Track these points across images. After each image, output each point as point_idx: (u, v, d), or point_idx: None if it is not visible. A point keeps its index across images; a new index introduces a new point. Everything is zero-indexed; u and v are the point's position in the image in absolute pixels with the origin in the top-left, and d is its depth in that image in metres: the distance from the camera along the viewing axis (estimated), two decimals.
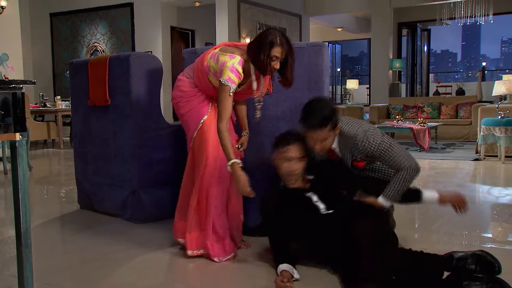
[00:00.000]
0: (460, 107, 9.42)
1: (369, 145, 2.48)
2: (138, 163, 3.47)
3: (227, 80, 2.54)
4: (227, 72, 2.54)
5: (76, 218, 3.77)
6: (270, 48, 2.51)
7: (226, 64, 2.55)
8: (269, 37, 2.52)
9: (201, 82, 2.74)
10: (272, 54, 2.51)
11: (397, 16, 12.77)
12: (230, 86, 2.54)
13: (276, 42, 2.51)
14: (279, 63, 2.55)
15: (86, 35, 11.89)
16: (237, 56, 2.58)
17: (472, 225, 3.36)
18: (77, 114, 3.95)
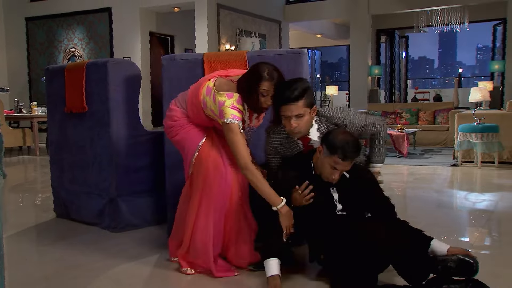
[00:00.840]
0: (438, 113, 9.54)
1: (357, 124, 2.52)
2: (116, 171, 3.41)
3: (232, 118, 2.41)
4: (229, 111, 2.41)
5: (51, 227, 3.68)
6: (258, 83, 2.38)
7: (225, 104, 2.43)
8: (257, 71, 2.41)
9: (195, 115, 2.61)
10: (261, 89, 2.38)
11: (375, 23, 12.91)
12: (238, 123, 2.42)
13: (264, 76, 2.38)
14: (270, 99, 2.41)
15: (63, 40, 11.72)
16: (235, 94, 2.46)
17: (449, 231, 3.38)
18: (53, 121, 3.87)
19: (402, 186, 5.34)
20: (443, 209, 4.20)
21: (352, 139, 2.31)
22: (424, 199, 4.52)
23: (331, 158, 2.31)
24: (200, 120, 2.61)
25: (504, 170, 6.11)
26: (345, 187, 2.45)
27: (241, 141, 2.42)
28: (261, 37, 11.79)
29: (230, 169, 2.58)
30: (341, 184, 2.43)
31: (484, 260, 2.63)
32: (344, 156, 2.28)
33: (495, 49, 12.88)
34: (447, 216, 3.90)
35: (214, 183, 2.53)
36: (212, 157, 2.57)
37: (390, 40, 14.32)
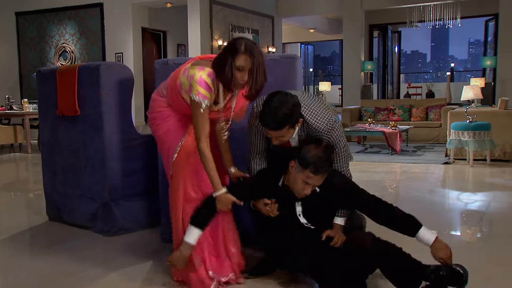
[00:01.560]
0: (430, 109, 9.57)
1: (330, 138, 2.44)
2: (109, 175, 3.39)
3: (196, 95, 2.31)
4: (195, 86, 2.31)
5: (44, 231, 3.66)
6: (232, 57, 2.26)
7: (194, 77, 2.32)
8: (233, 45, 2.29)
9: (174, 102, 2.53)
10: (236, 64, 2.25)
11: (368, 19, 12.92)
12: (201, 102, 2.32)
13: (241, 50, 2.25)
14: (246, 75, 2.27)
15: (54, 35, 11.62)
16: (207, 68, 2.34)
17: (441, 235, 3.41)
18: (45, 123, 3.84)
19: (395, 186, 5.37)
20: (436, 210, 4.21)
21: (323, 154, 2.31)
22: (417, 200, 4.54)
23: (303, 173, 2.31)
24: (180, 106, 2.51)
25: (496, 168, 6.15)
26: (312, 201, 2.44)
27: (202, 121, 2.34)
28: (254, 33, 11.76)
29: None
30: (308, 198, 2.41)
31: (476, 263, 2.65)
32: (316, 170, 2.29)
33: (487, 44, 12.94)
34: (440, 218, 3.92)
35: (193, 188, 2.51)
36: (191, 160, 2.49)
37: (383, 35, 14.35)
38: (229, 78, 2.28)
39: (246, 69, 2.27)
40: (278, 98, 2.30)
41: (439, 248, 2.27)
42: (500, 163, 6.46)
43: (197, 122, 2.36)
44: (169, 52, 12.02)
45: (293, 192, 2.41)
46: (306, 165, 2.29)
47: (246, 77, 2.28)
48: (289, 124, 2.31)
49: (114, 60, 10.86)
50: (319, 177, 2.32)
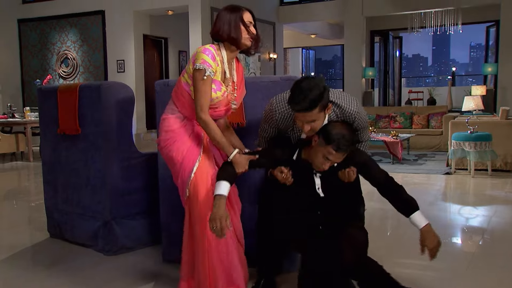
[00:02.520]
0: (432, 117, 9.58)
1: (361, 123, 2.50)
2: (110, 193, 3.40)
3: (201, 63, 2.33)
4: (200, 55, 2.36)
5: (46, 250, 3.67)
6: (239, 15, 2.40)
7: (197, 51, 2.40)
8: (232, 8, 2.43)
9: (185, 105, 2.48)
10: (245, 20, 2.41)
11: (369, 24, 12.92)
12: (205, 68, 2.33)
13: (242, 8, 2.43)
14: (254, 29, 2.45)
15: (56, 42, 11.65)
16: (209, 45, 2.44)
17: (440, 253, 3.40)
18: (46, 141, 3.85)
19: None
20: (436, 226, 4.14)
21: (348, 132, 2.35)
22: None
23: (325, 148, 2.33)
24: (190, 108, 2.47)
25: (497, 179, 6.14)
26: (330, 174, 2.46)
27: (205, 89, 2.35)
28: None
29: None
30: (326, 171, 2.44)
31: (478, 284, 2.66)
32: (338, 148, 2.31)
33: (488, 50, 12.92)
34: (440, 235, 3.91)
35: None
36: (208, 183, 2.43)
37: (384, 41, 14.34)
38: (240, 34, 2.39)
39: (252, 24, 2.45)
40: (307, 82, 2.29)
41: (427, 236, 2.38)
42: (501, 174, 6.46)
43: (199, 91, 2.35)
44: (170, 58, 12.04)
45: (312, 165, 2.43)
46: (329, 141, 2.32)
47: (254, 30, 2.45)
48: (321, 104, 2.28)
49: (115, 67, 10.89)
50: (340, 154, 2.34)
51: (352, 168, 2.44)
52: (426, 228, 2.40)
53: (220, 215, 2.24)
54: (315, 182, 2.48)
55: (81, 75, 11.37)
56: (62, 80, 11.56)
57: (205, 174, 2.45)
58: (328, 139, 2.32)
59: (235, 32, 2.40)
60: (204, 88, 2.35)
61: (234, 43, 2.43)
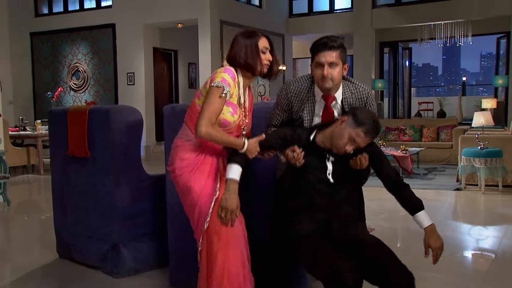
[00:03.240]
0: (441, 129, 9.53)
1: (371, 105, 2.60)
2: (118, 217, 3.42)
3: (220, 81, 2.30)
4: (221, 74, 2.34)
5: (55, 272, 3.69)
6: (254, 41, 2.40)
7: (217, 71, 2.39)
8: (252, 32, 2.44)
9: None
10: (260, 46, 2.41)
11: (378, 36, 12.90)
12: (223, 87, 2.30)
13: (258, 34, 2.44)
14: (269, 55, 2.45)
15: (67, 55, 11.79)
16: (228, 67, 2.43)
17: (447, 281, 3.37)
18: (55, 162, 3.89)
19: (405, 217, 5.28)
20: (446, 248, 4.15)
21: (378, 119, 2.40)
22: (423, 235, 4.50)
23: (355, 130, 2.34)
24: None
25: (508, 196, 6.09)
26: (343, 162, 2.45)
27: (217, 105, 2.30)
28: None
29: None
30: (339, 158, 2.44)
31: None
32: (367, 131, 2.34)
33: (499, 61, 12.85)
34: (448, 259, 3.88)
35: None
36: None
37: (393, 52, 14.31)
38: (256, 61, 2.39)
39: (268, 49, 2.45)
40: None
41: (431, 235, 2.39)
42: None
43: (210, 104, 2.29)
44: (180, 71, 12.12)
45: (331, 147, 2.42)
46: (360, 123, 2.33)
47: (270, 56, 2.46)
48: (342, 51, 2.45)
49: (125, 80, 10.98)
50: (366, 139, 2.36)
51: (364, 154, 2.41)
52: (430, 228, 2.41)
53: (231, 205, 2.32)
54: (327, 167, 2.46)
55: (91, 88, 11.48)
56: (73, 93, 11.68)
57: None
58: (359, 121, 2.34)
59: (251, 58, 2.39)
60: (218, 105, 2.30)
61: (250, 69, 2.42)
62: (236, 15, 10.82)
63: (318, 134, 2.48)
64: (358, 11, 12.21)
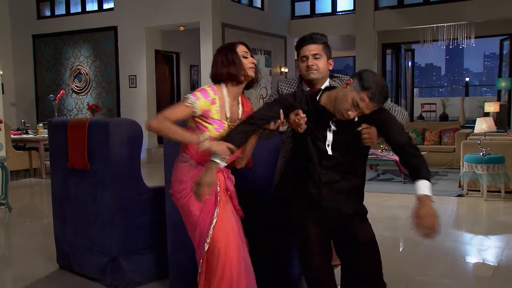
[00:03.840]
0: (444, 133, 9.49)
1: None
2: (117, 230, 3.41)
3: (191, 95, 2.40)
4: (195, 91, 2.44)
5: (54, 283, 3.69)
6: (233, 50, 2.44)
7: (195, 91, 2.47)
8: (227, 45, 2.51)
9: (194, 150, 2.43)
10: (239, 52, 2.44)
11: (381, 38, 12.86)
12: (189, 97, 2.37)
13: (236, 43, 2.49)
14: (251, 59, 2.48)
15: (69, 57, 11.79)
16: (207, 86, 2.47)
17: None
18: (55, 173, 3.89)
19: (405, 226, 5.24)
20: (445, 260, 4.12)
21: (384, 85, 2.24)
22: (426, 246, 4.47)
23: (359, 94, 2.18)
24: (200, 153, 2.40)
25: (511, 203, 6.06)
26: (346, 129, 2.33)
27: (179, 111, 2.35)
28: (267, 54, 11.79)
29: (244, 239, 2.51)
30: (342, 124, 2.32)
31: None
32: (373, 96, 2.17)
33: (503, 62, 12.80)
34: (448, 270, 3.87)
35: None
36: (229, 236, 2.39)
37: (395, 54, 14.25)
38: (239, 66, 2.41)
39: (249, 53, 2.48)
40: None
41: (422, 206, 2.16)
42: None
43: (173, 107, 2.39)
44: (182, 73, 12.11)
45: (334, 111, 2.29)
46: (365, 87, 2.17)
47: (252, 59, 2.48)
48: (325, 44, 2.63)
49: (127, 82, 10.97)
50: (371, 105, 2.20)
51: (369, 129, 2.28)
52: (424, 198, 2.17)
53: (205, 181, 2.28)
54: (326, 137, 2.34)
55: (93, 90, 11.48)
56: (75, 95, 11.69)
57: (224, 227, 2.39)
58: (364, 84, 2.17)
59: (234, 69, 2.42)
60: (179, 109, 2.36)
61: (235, 78, 2.45)
62: (238, 18, 10.80)
63: (323, 95, 2.38)
64: (360, 13, 12.17)
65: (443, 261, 4.03)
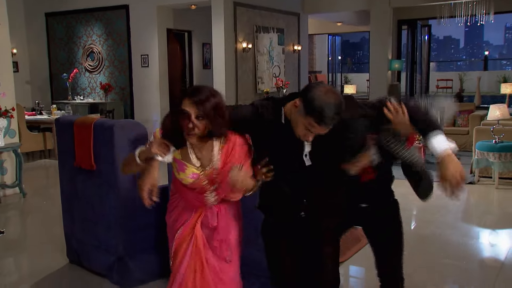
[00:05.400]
0: (458, 114, 9.35)
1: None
2: (123, 230, 3.48)
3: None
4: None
5: (64, 279, 3.80)
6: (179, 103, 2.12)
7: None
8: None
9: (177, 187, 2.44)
10: (182, 106, 2.09)
11: (396, 14, 12.57)
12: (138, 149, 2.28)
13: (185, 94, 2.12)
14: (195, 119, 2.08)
15: (82, 36, 11.77)
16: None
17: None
18: (63, 171, 3.95)
19: (412, 218, 5.19)
20: (450, 257, 4.10)
21: (335, 101, 1.93)
22: (433, 240, 4.46)
23: (306, 119, 1.96)
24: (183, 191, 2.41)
25: None
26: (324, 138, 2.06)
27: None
28: (279, 32, 11.63)
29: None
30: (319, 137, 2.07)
31: None
32: (320, 120, 1.93)
33: None
34: (453, 269, 3.87)
35: None
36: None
37: (411, 31, 13.94)
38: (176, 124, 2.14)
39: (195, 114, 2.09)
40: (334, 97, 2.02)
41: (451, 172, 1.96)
42: None
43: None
44: (194, 51, 12.03)
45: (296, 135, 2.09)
46: (310, 111, 1.94)
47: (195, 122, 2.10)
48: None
49: (139, 61, 10.95)
50: (323, 128, 1.98)
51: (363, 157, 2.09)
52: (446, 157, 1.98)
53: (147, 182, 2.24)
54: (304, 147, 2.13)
55: (106, 69, 11.49)
56: (88, 74, 11.72)
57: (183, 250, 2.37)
58: (310, 108, 1.94)
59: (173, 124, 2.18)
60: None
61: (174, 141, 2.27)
62: None
63: (287, 106, 2.12)
64: None
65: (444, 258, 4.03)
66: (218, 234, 2.34)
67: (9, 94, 6.36)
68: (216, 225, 2.33)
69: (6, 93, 6.26)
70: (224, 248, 2.34)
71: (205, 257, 2.32)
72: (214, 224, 2.33)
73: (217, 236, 2.34)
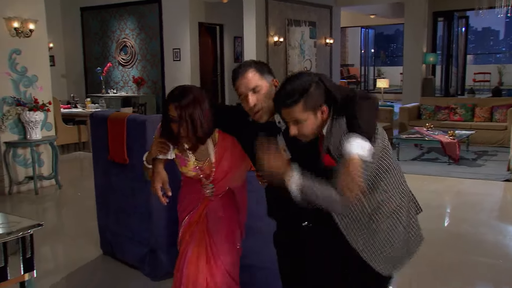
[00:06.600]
0: (496, 109, 9.10)
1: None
2: (156, 223, 3.53)
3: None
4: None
5: (98, 270, 3.90)
6: (165, 108, 2.21)
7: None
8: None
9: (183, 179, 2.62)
10: (170, 114, 2.17)
11: (432, 5, 12.28)
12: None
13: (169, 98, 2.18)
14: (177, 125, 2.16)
15: (115, 30, 11.97)
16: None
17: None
18: (97, 165, 4.04)
19: (445, 215, 5.10)
20: (485, 255, 4.02)
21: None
22: (467, 239, 4.37)
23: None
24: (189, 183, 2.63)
25: None
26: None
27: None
28: (311, 25, 11.55)
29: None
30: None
31: None
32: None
33: None
34: (488, 268, 3.78)
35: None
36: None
37: (448, 23, 13.60)
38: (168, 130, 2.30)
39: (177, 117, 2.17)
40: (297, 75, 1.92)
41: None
42: None
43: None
44: (225, 45, 12.07)
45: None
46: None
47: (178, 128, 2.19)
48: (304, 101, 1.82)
49: (171, 55, 11.07)
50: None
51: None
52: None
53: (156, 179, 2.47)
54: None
55: (139, 63, 11.66)
56: (122, 68, 11.91)
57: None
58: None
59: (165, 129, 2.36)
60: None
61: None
62: None
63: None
64: None
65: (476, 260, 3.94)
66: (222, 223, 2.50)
67: (46, 88, 6.53)
68: (221, 215, 2.48)
69: (43, 87, 6.43)
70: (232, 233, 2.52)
71: (209, 245, 2.48)
72: (220, 214, 2.48)
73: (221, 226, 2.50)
